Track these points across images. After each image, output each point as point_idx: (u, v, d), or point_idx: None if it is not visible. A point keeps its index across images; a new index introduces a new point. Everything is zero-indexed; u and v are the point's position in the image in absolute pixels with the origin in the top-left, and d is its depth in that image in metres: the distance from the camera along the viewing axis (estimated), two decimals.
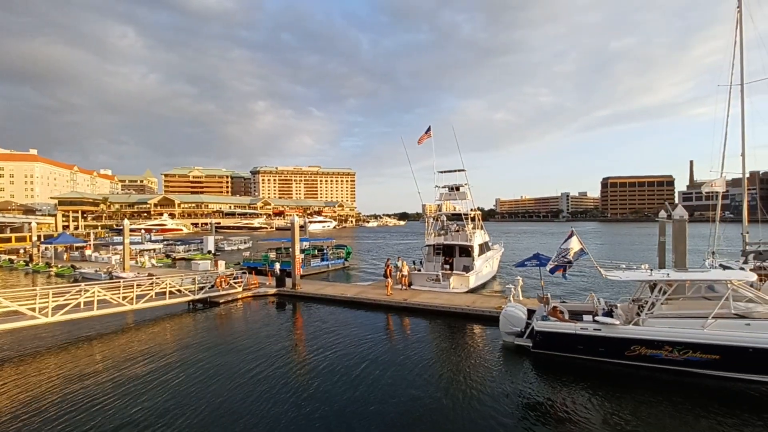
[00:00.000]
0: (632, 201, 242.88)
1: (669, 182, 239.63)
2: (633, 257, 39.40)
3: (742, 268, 15.70)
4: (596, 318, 11.74)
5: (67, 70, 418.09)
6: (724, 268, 16.59)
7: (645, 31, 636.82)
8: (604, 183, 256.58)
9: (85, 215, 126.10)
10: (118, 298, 16.96)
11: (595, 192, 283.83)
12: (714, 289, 13.41)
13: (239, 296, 21.66)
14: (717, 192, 21.38)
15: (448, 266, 23.64)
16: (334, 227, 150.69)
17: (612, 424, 8.30)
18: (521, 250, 49.95)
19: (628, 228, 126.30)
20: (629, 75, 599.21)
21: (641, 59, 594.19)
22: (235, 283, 22.40)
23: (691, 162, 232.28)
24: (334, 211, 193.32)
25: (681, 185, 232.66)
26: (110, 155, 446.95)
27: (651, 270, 12.35)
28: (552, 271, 13.24)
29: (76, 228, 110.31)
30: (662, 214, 24.24)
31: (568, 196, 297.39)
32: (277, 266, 25.16)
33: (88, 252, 42.39)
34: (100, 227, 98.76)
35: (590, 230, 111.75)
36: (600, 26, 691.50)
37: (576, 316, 12.73)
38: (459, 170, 26.04)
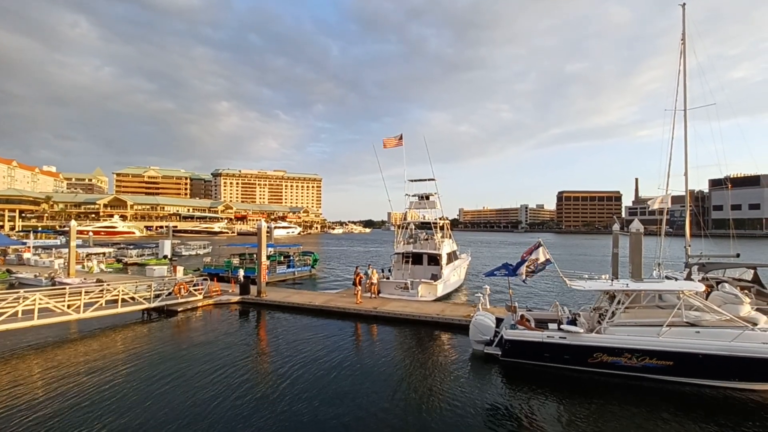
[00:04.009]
0: (584, 214, 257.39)
1: (617, 197, 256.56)
2: (590, 268, 41.51)
3: (691, 279, 16.89)
4: (561, 326, 12.16)
5: (9, 56, 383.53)
6: (676, 279, 17.79)
7: (596, 58, 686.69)
8: (560, 196, 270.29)
9: (23, 215, 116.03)
10: (63, 306, 15.56)
11: (551, 204, 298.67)
12: (663, 299, 14.34)
13: (199, 304, 20.55)
14: (663, 208, 22.98)
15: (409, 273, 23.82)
16: (299, 233, 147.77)
17: (575, 431, 8.56)
18: (486, 259, 51.31)
19: (581, 239, 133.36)
20: (582, 97, 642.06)
21: (593, 83, 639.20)
22: (195, 290, 21.26)
23: (636, 179, 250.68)
24: (299, 217, 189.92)
25: (627, 200, 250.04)
26: (56, 151, 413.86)
27: (611, 280, 13.01)
28: (524, 280, 13.65)
29: (13, 228, 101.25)
30: (616, 227, 25.75)
31: (526, 208, 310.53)
32: (241, 273, 24.20)
33: (27, 255, 38.81)
34: (40, 228, 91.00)
35: (548, 241, 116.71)
36: (557, 50, 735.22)
37: (541, 324, 13.13)
38: (429, 179, 26.45)
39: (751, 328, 10.65)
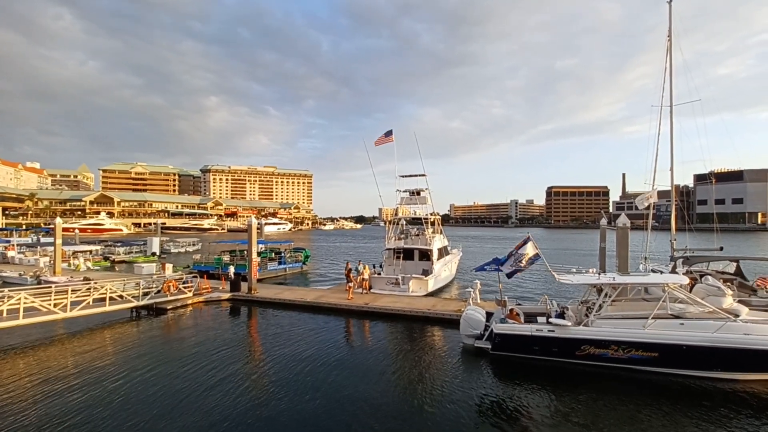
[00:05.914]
0: (573, 209, 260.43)
1: (605, 193, 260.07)
2: (577, 262, 42.12)
3: (676, 272, 17.26)
4: (550, 319, 12.36)
5: None
6: (661, 272, 18.16)
7: (586, 54, 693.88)
8: (549, 192, 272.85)
9: (7, 212, 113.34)
10: (49, 305, 15.30)
11: (540, 200, 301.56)
12: (649, 292, 14.62)
13: (189, 302, 20.37)
14: (650, 203, 23.35)
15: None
16: (290, 229, 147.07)
17: (564, 421, 8.73)
18: (476, 254, 51.68)
19: (569, 234, 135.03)
20: (572, 93, 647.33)
21: (582, 79, 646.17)
22: (185, 287, 21.06)
23: (623, 174, 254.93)
24: (290, 213, 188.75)
25: (615, 195, 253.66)
26: (39, 147, 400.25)
27: (599, 274, 13.22)
28: (509, 275, 13.81)
29: None
30: (603, 221, 26.15)
31: (516, 203, 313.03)
32: (232, 270, 24.07)
33: (11, 253, 37.99)
34: (24, 226, 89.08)
35: (537, 236, 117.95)
36: (547, 46, 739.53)
37: (531, 318, 13.31)
38: (420, 175, 26.51)
39: (733, 320, 10.94)
